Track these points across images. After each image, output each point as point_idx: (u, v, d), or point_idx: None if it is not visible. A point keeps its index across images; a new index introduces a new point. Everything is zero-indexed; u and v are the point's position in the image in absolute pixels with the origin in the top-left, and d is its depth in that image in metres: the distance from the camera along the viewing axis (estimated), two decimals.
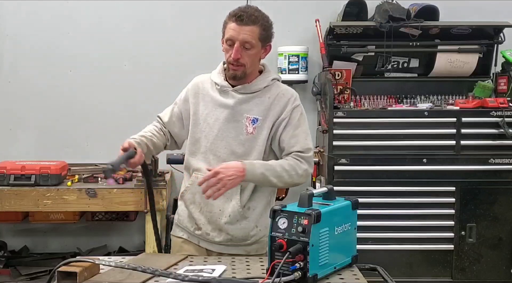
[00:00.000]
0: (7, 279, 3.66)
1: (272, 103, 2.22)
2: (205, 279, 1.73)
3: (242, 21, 2.11)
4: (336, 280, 1.84)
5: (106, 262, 1.87)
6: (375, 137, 3.59)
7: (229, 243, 2.25)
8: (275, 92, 2.25)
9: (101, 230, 4.17)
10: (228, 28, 2.15)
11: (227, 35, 2.15)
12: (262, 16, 2.17)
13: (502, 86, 3.84)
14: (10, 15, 4.09)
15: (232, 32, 2.13)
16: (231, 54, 2.14)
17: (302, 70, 3.99)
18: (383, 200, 3.57)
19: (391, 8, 3.77)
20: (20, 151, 4.07)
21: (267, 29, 2.18)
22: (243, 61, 2.15)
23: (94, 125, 4.16)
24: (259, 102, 2.21)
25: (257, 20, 2.14)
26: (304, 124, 2.26)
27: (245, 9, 2.15)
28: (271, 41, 2.24)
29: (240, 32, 2.12)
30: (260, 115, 2.21)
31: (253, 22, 2.12)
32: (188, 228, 2.31)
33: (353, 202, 1.94)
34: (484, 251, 3.62)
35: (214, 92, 2.26)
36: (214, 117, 2.23)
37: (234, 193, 2.19)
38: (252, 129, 2.20)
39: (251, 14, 2.13)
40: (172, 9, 4.15)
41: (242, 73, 2.18)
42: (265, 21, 2.17)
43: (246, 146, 2.20)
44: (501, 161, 3.58)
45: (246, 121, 2.20)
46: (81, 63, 4.13)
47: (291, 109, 2.23)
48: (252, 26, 2.12)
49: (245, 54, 2.15)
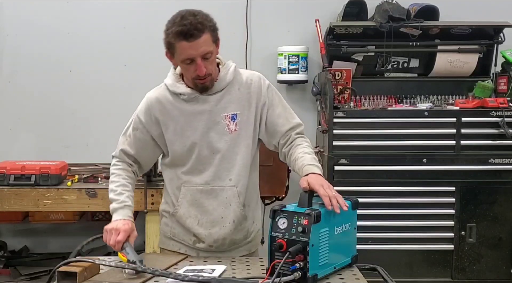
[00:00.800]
0: (7, 279, 3.66)
1: (245, 93, 2.14)
2: (205, 279, 1.73)
3: (192, 36, 1.95)
4: (336, 280, 1.84)
5: (106, 262, 1.88)
6: (375, 137, 3.59)
7: (232, 247, 2.22)
8: (241, 81, 2.16)
9: (101, 230, 4.15)
10: (179, 49, 1.99)
11: (183, 56, 2.00)
12: (204, 18, 2.00)
13: (502, 86, 3.84)
14: (10, 15, 4.09)
15: (187, 51, 1.98)
16: (195, 71, 2.02)
17: (302, 70, 3.99)
18: (383, 200, 3.57)
19: (391, 8, 3.77)
20: (20, 151, 4.07)
21: (214, 27, 2.03)
22: (209, 71, 2.04)
23: (94, 125, 4.16)
24: (231, 97, 2.13)
25: (204, 26, 1.97)
26: (282, 100, 2.22)
27: (185, 21, 1.96)
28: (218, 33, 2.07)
29: (197, 48, 1.97)
30: (238, 110, 2.13)
31: (202, 31, 1.96)
32: (186, 241, 2.23)
33: (353, 202, 1.94)
34: (484, 251, 3.62)
35: (180, 104, 2.12)
36: (191, 128, 2.12)
37: (232, 196, 2.15)
38: (235, 126, 2.12)
39: (195, 24, 1.95)
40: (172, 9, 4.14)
41: (211, 82, 2.08)
42: (208, 20, 2.01)
43: (232, 144, 2.13)
44: (501, 161, 3.58)
45: (225, 120, 2.12)
46: (81, 63, 4.13)
47: (266, 92, 2.16)
48: (203, 36, 1.97)
49: (208, 63, 2.02)
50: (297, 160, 2.09)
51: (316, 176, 1.95)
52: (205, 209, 2.15)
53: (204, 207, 2.15)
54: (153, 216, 3.42)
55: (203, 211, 2.16)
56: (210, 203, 2.15)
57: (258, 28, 4.17)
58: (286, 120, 2.18)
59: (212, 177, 2.14)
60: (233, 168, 2.14)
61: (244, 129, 2.14)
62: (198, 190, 2.14)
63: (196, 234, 2.18)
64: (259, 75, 2.21)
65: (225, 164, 2.13)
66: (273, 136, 2.19)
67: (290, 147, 2.17)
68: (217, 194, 2.14)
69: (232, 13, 4.13)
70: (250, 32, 4.15)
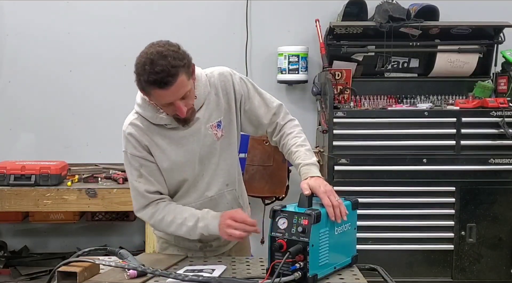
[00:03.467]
0: (7, 279, 3.66)
1: (222, 95, 2.06)
2: (205, 279, 1.73)
3: (167, 84, 1.81)
4: (336, 280, 1.84)
5: (106, 262, 1.87)
6: (375, 137, 3.59)
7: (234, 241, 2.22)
8: (215, 84, 2.06)
9: (101, 230, 4.17)
10: (155, 95, 1.86)
11: (160, 101, 1.88)
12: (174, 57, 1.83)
13: (502, 86, 3.84)
14: (10, 15, 4.09)
15: (164, 98, 1.86)
16: (175, 111, 1.90)
17: (302, 70, 3.99)
18: (383, 200, 3.57)
19: (391, 8, 3.77)
20: (20, 151, 4.07)
21: (187, 63, 1.87)
22: (189, 107, 1.93)
23: (94, 125, 4.16)
24: (211, 105, 2.05)
25: (177, 69, 1.82)
26: (257, 88, 2.14)
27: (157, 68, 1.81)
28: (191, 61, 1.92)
29: (174, 93, 1.84)
30: (220, 116, 2.06)
31: (176, 75, 1.81)
32: (192, 248, 2.18)
33: (353, 202, 1.94)
34: (484, 251, 3.62)
35: (167, 132, 2.01)
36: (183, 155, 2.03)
37: (233, 199, 2.14)
38: (221, 133, 2.07)
39: (168, 70, 1.80)
40: (173, 9, 4.15)
41: (192, 113, 1.97)
42: (181, 59, 1.84)
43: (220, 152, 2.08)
44: (501, 161, 3.58)
45: (212, 130, 2.04)
46: (81, 63, 4.13)
47: (240, 86, 2.08)
48: (178, 79, 1.82)
49: (187, 100, 1.90)
50: (291, 154, 2.07)
51: (316, 179, 1.93)
52: None
53: None
54: None
55: None
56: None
57: (258, 28, 4.17)
58: (266, 107, 2.13)
59: (206, 187, 2.09)
60: (228, 173, 2.12)
61: (230, 132, 2.10)
62: (197, 205, 2.09)
63: (202, 240, 2.15)
64: (228, 71, 2.10)
65: (218, 171, 2.10)
66: (258, 127, 2.16)
67: (280, 136, 2.14)
68: (217, 202, 2.11)
69: (232, 13, 4.13)
70: (250, 32, 4.15)
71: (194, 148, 2.04)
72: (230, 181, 2.14)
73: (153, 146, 2.02)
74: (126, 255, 1.92)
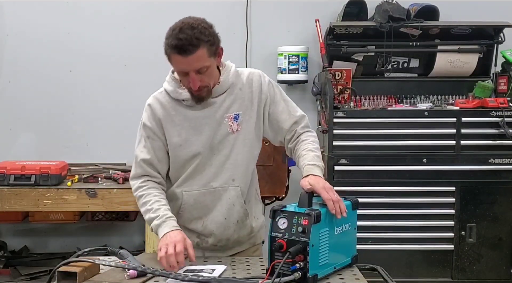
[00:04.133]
0: (7, 279, 3.65)
1: (247, 93, 2.12)
2: (205, 279, 1.73)
3: (186, 52, 1.90)
4: (336, 280, 1.84)
5: (106, 262, 1.87)
6: (375, 137, 3.59)
7: (236, 244, 2.22)
8: (242, 81, 2.13)
9: (101, 230, 4.17)
10: (174, 61, 1.96)
11: (176, 68, 2.00)
12: (202, 32, 1.93)
13: (502, 86, 3.84)
14: (10, 15, 4.09)
15: (180, 65, 1.96)
16: (189, 83, 1.99)
17: (302, 70, 4.00)
18: (383, 200, 3.57)
19: (391, 8, 3.77)
20: (20, 151, 4.07)
21: (212, 41, 1.96)
22: (204, 84, 1.99)
23: (94, 125, 4.17)
24: (233, 97, 2.10)
25: (200, 41, 1.91)
26: (284, 94, 2.20)
27: (181, 35, 1.90)
28: (220, 44, 2.02)
29: (190, 63, 1.93)
30: (240, 110, 2.10)
31: (196, 46, 1.90)
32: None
33: (353, 202, 1.94)
34: (484, 251, 3.62)
35: (184, 109, 2.09)
36: (196, 134, 2.09)
37: (236, 196, 2.13)
38: (237, 126, 2.10)
39: (191, 39, 1.89)
40: (172, 9, 4.15)
41: (207, 92, 2.04)
42: (207, 35, 1.93)
43: (234, 144, 2.11)
44: (501, 161, 3.58)
45: (228, 120, 2.09)
46: (81, 63, 4.13)
47: (267, 89, 2.14)
48: (198, 51, 1.91)
49: (204, 76, 1.98)
50: (300, 157, 2.10)
51: (315, 177, 1.94)
52: (209, 211, 2.14)
53: (208, 209, 2.14)
54: None
55: (207, 212, 2.14)
56: (213, 204, 2.13)
57: (258, 28, 4.17)
58: (289, 114, 2.16)
59: (212, 177, 2.12)
60: (236, 168, 2.12)
61: (247, 129, 2.12)
62: (201, 193, 2.12)
63: (200, 235, 2.17)
64: (259, 73, 2.18)
65: (227, 164, 2.12)
66: (278, 132, 2.19)
67: (295, 143, 2.17)
68: (220, 195, 2.13)
69: (232, 13, 4.13)
70: (250, 32, 4.15)
71: (206, 131, 2.09)
72: (237, 177, 2.13)
73: (168, 120, 2.09)
74: (126, 255, 1.92)
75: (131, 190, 3.52)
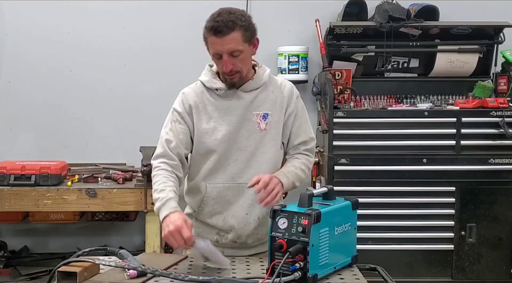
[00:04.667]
0: (7, 279, 3.66)
1: (278, 96, 2.20)
2: (205, 279, 1.73)
3: (221, 33, 2.02)
4: (336, 280, 1.84)
5: (106, 262, 1.87)
6: (375, 137, 3.59)
7: (257, 243, 2.23)
8: (275, 85, 2.23)
9: (101, 230, 4.17)
10: (210, 43, 2.07)
11: (212, 50, 2.08)
12: (238, 17, 2.05)
13: (502, 86, 3.84)
14: (10, 15, 4.09)
15: (215, 46, 2.06)
16: (222, 67, 2.09)
17: (302, 70, 4.00)
18: (383, 200, 3.57)
19: (391, 8, 3.78)
20: (20, 151, 4.07)
21: (248, 27, 2.08)
22: (236, 68, 2.09)
23: (94, 125, 4.17)
24: (265, 97, 2.19)
25: (235, 24, 2.03)
26: (306, 113, 2.29)
27: (218, 18, 2.04)
28: (256, 34, 2.15)
29: (223, 44, 2.04)
30: (270, 110, 2.17)
31: (231, 28, 2.03)
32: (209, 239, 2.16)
33: (353, 202, 1.94)
34: (484, 251, 3.62)
35: (215, 99, 2.17)
36: (224, 124, 2.15)
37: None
38: (265, 125, 2.17)
39: (226, 22, 2.02)
40: (173, 9, 4.15)
41: (239, 79, 2.13)
42: (243, 21, 2.06)
43: (259, 143, 2.16)
44: (501, 161, 3.58)
45: (257, 118, 2.16)
46: (81, 63, 4.13)
47: (296, 100, 2.23)
48: (232, 33, 2.03)
49: (236, 61, 2.08)
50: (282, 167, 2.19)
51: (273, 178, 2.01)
52: (230, 205, 2.17)
53: (229, 204, 2.17)
54: (153, 216, 3.43)
55: (228, 207, 2.17)
56: (235, 199, 2.16)
57: (258, 28, 4.12)
58: (303, 132, 2.24)
59: (237, 172, 2.16)
60: (261, 167, 2.15)
61: (274, 129, 2.18)
62: (225, 187, 2.16)
63: (220, 231, 2.21)
64: (291, 84, 2.27)
65: (253, 162, 2.16)
66: (287, 144, 2.26)
67: (290, 157, 2.25)
68: (243, 191, 2.15)
69: None
70: None
71: (234, 122, 2.15)
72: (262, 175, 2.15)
73: (199, 107, 2.17)
74: (126, 255, 1.92)
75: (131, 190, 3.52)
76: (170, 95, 2.40)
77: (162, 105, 3.86)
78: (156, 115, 4.14)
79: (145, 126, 4.09)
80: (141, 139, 3.78)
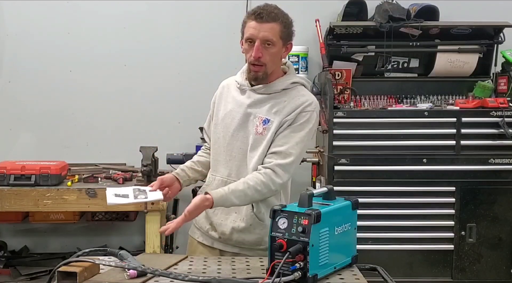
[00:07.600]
0: (7, 279, 3.65)
1: (286, 106, 2.18)
2: (205, 279, 1.73)
3: (262, 19, 2.08)
4: (336, 280, 1.84)
5: (106, 262, 1.87)
6: (375, 137, 3.59)
7: (241, 245, 2.24)
8: (292, 96, 2.19)
9: (101, 230, 4.17)
10: (247, 27, 2.12)
11: (247, 33, 2.12)
12: (282, 14, 2.15)
13: (502, 86, 3.84)
14: (10, 15, 4.09)
15: (252, 30, 2.10)
16: (251, 54, 2.11)
17: (302, 70, 3.99)
18: (383, 200, 3.56)
19: (391, 8, 3.77)
20: (20, 151, 4.07)
21: (288, 26, 2.15)
22: (264, 60, 2.11)
23: (94, 125, 4.17)
24: (275, 104, 2.18)
25: (277, 17, 2.11)
26: (303, 132, 2.16)
27: (264, 7, 2.13)
28: (292, 39, 2.20)
29: (260, 30, 2.09)
30: (272, 117, 2.17)
31: (273, 19, 2.09)
32: (202, 228, 2.31)
33: (353, 202, 1.94)
34: (484, 251, 3.62)
35: (235, 92, 2.27)
36: (231, 116, 2.24)
37: None
38: (262, 130, 2.17)
39: (270, 11, 2.10)
40: (173, 9, 4.15)
41: (263, 74, 2.15)
42: (285, 18, 2.15)
43: (254, 146, 2.18)
44: (501, 161, 3.58)
45: (257, 120, 2.18)
46: (81, 63, 4.13)
47: (299, 112, 2.16)
48: (272, 23, 2.10)
49: (266, 52, 2.11)
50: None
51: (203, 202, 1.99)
52: None
53: None
54: (153, 216, 3.43)
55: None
56: None
57: None
58: (286, 144, 2.13)
59: (234, 171, 2.21)
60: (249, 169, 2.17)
61: (267, 135, 2.17)
62: (223, 181, 2.21)
63: (211, 222, 2.26)
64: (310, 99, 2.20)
65: (245, 162, 2.19)
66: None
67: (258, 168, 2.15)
68: None
69: (232, 13, 4.12)
70: None
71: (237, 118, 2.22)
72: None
73: (222, 97, 2.32)
74: (126, 256, 1.92)
75: None
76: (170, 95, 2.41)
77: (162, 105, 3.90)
78: (156, 115, 4.17)
79: (145, 126, 4.09)
80: (141, 139, 3.78)
